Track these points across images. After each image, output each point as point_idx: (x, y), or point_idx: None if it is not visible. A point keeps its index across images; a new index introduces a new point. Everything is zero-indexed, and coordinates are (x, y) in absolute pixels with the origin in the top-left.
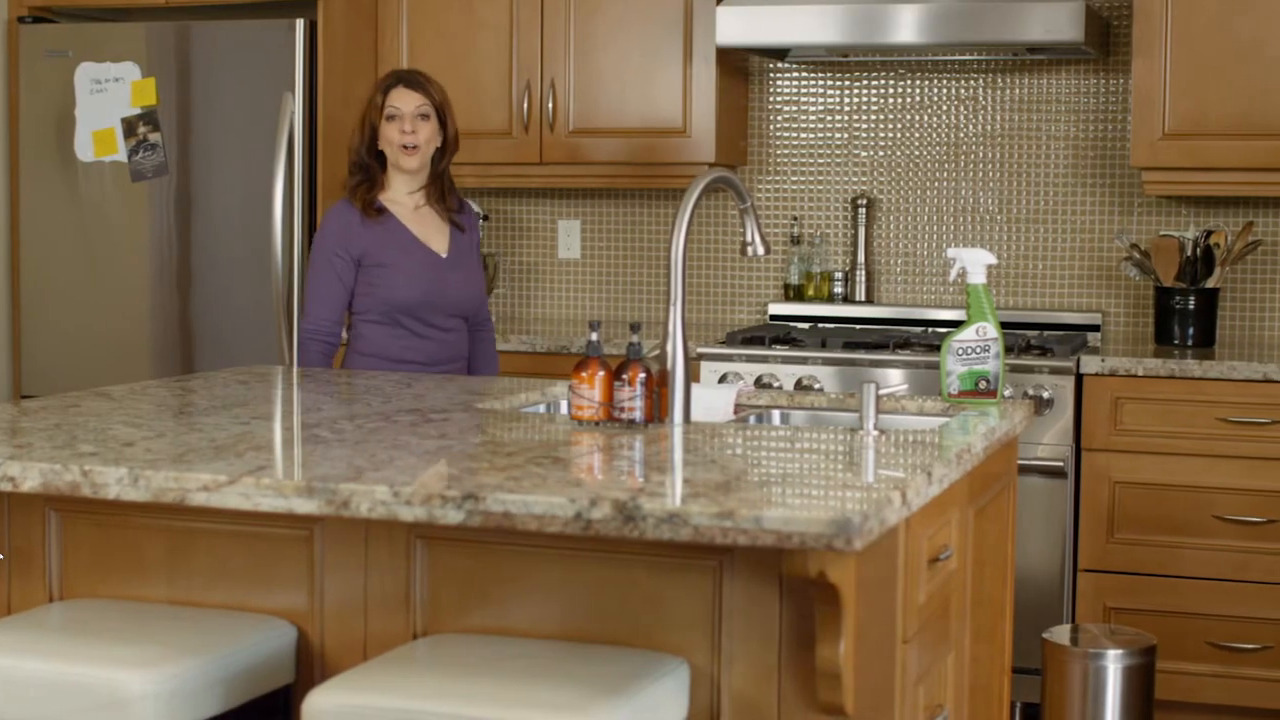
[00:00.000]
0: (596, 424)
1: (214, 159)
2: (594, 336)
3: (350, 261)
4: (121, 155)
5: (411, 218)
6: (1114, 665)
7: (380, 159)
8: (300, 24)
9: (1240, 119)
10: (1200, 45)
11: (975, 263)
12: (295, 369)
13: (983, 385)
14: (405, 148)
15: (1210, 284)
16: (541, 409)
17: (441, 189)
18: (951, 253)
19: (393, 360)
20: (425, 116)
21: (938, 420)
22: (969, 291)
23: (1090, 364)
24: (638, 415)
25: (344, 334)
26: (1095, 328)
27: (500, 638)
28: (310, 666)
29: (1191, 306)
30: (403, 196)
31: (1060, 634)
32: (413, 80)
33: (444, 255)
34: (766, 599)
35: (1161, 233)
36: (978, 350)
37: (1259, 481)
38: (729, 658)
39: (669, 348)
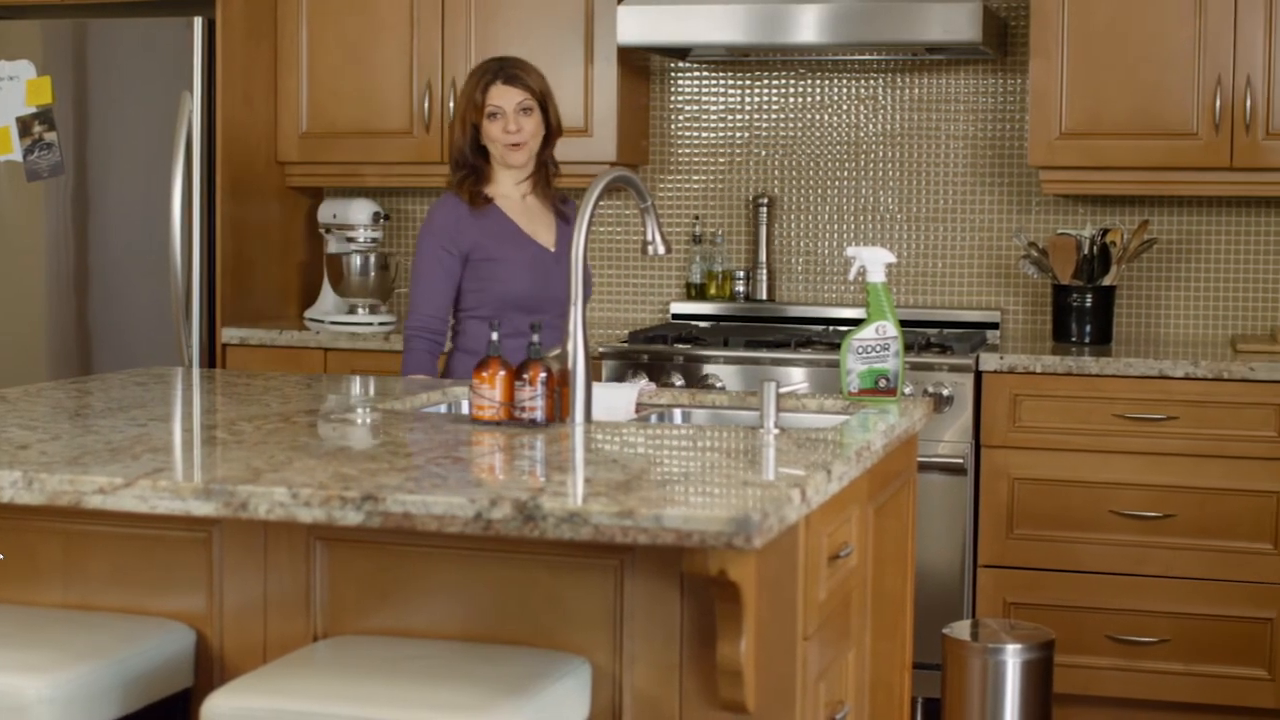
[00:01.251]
0: (497, 424)
1: (111, 158)
2: (494, 337)
3: (458, 257)
4: (16, 155)
5: (519, 210)
6: (1013, 660)
7: (484, 153)
8: (198, 22)
9: (1135, 118)
10: (1096, 45)
11: (874, 261)
12: (190, 373)
13: (882, 383)
14: (512, 145)
15: (1107, 282)
16: (443, 409)
17: (546, 176)
18: (851, 251)
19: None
20: (528, 110)
21: (838, 418)
22: (868, 290)
23: (989, 361)
24: (539, 415)
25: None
26: (994, 325)
27: (401, 639)
28: (209, 670)
29: (1088, 304)
30: (509, 189)
31: (960, 629)
32: (511, 75)
33: (551, 249)
34: (667, 597)
35: (1059, 231)
36: (877, 349)
37: (1155, 477)
38: (630, 656)
39: (570, 347)
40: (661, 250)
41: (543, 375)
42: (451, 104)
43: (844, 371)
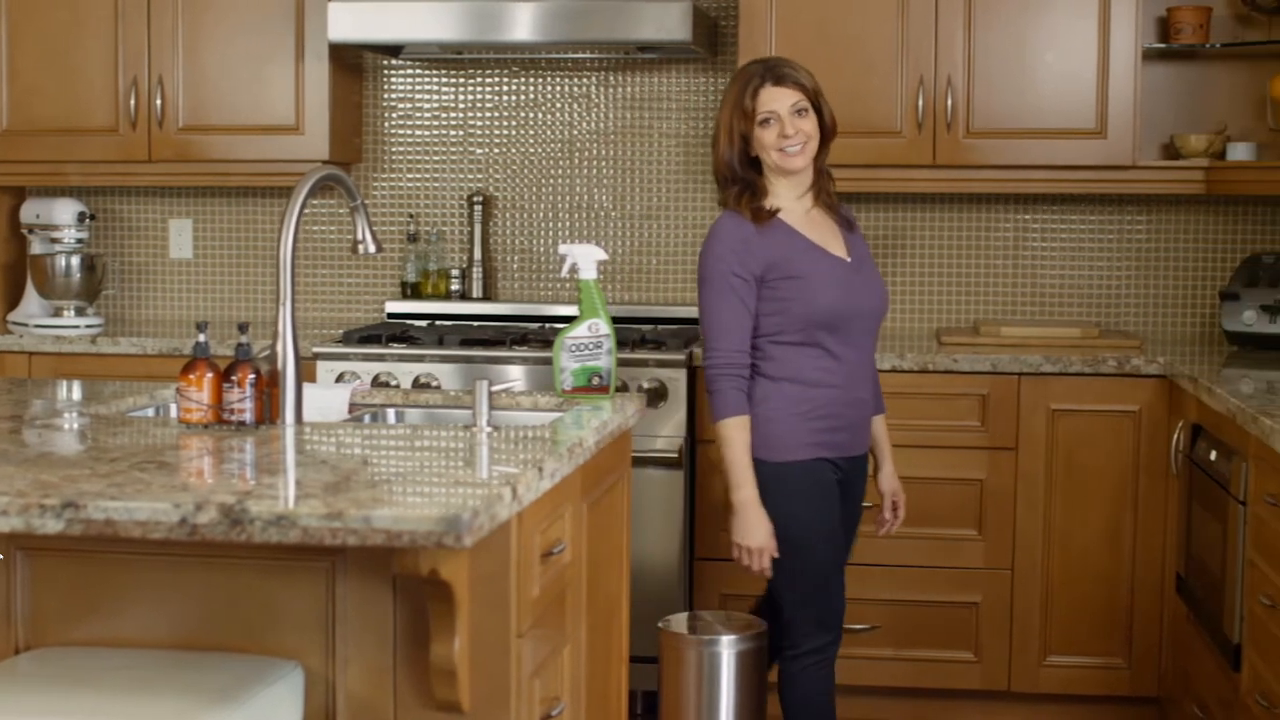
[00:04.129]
0: (206, 427)
1: None
2: (201, 338)
3: (750, 280)
4: None
5: (804, 222)
6: (727, 651)
7: (755, 165)
8: None
9: (843, 117)
10: (804, 45)
11: (586, 259)
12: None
13: (596, 381)
14: (787, 151)
15: None
16: (150, 413)
17: (826, 183)
18: (563, 249)
19: (809, 384)
20: (803, 111)
21: (552, 415)
22: (580, 288)
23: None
24: (248, 417)
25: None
26: None
27: (109, 649)
28: None
29: None
30: (790, 201)
31: (676, 622)
32: (781, 75)
33: (847, 259)
34: (380, 598)
35: None
36: (590, 346)
37: None
38: (343, 659)
39: (279, 348)
40: (372, 249)
41: (251, 377)
42: (159, 100)
43: (557, 369)
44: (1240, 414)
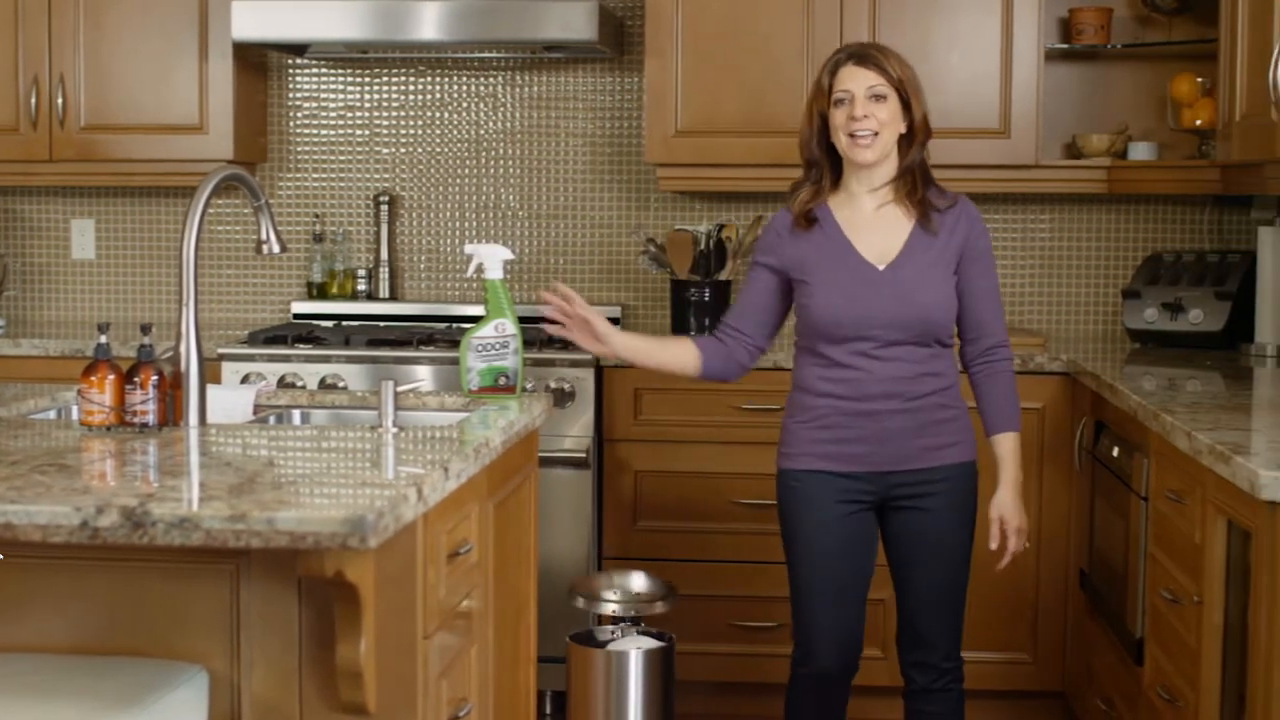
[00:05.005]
0: (108, 429)
1: None
2: (103, 339)
3: (773, 273)
4: None
5: (859, 221)
6: (635, 651)
7: (834, 151)
8: None
9: (749, 117)
10: (710, 45)
11: (492, 258)
12: None
13: (502, 381)
14: (855, 136)
15: (723, 276)
16: (51, 415)
17: (913, 183)
18: (469, 249)
19: (813, 394)
20: (880, 98)
21: (458, 415)
22: (487, 287)
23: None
24: (151, 419)
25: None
26: (615, 320)
27: (8, 655)
28: None
29: (706, 298)
30: (862, 196)
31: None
32: (864, 55)
33: (881, 267)
34: (285, 601)
35: (676, 227)
36: (497, 346)
37: (774, 466)
38: (248, 662)
39: (182, 349)
40: (277, 249)
41: (154, 378)
42: (60, 100)
43: (464, 369)
44: (1142, 411)
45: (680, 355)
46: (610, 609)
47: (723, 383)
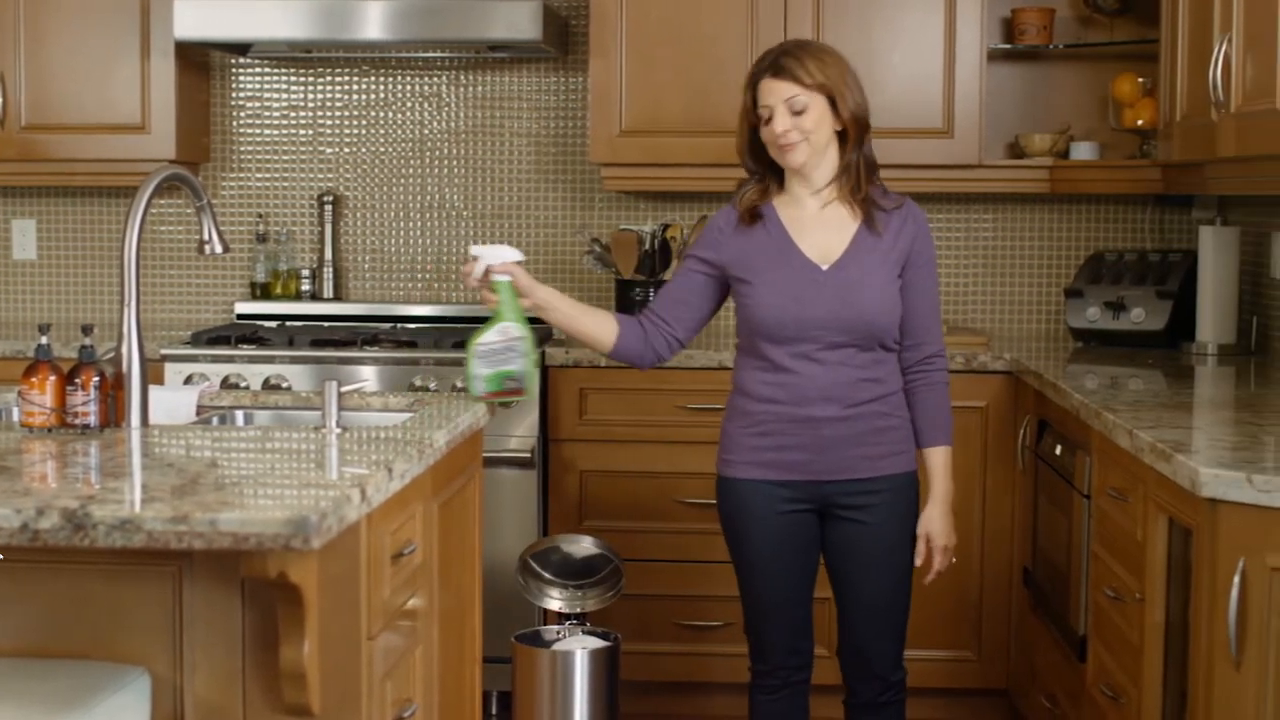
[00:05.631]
0: (49, 430)
1: None
2: (44, 340)
3: (709, 268)
4: None
5: (803, 221)
6: (580, 651)
7: (768, 158)
8: None
9: (693, 116)
10: (653, 45)
11: (499, 260)
12: None
13: (510, 385)
14: (782, 146)
15: (668, 276)
16: None
17: (856, 180)
18: (475, 250)
19: (754, 398)
20: (801, 110)
21: (402, 416)
22: (494, 289)
23: (556, 356)
24: (92, 420)
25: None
26: None
27: None
28: None
29: (651, 298)
30: (805, 197)
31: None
32: (780, 67)
33: (824, 267)
34: (228, 602)
35: (621, 227)
36: (502, 350)
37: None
38: (191, 664)
39: (124, 349)
40: (219, 249)
41: (96, 379)
42: (1, 99)
43: (469, 375)
44: (1084, 409)
45: (598, 327)
46: (555, 605)
47: (631, 366)
